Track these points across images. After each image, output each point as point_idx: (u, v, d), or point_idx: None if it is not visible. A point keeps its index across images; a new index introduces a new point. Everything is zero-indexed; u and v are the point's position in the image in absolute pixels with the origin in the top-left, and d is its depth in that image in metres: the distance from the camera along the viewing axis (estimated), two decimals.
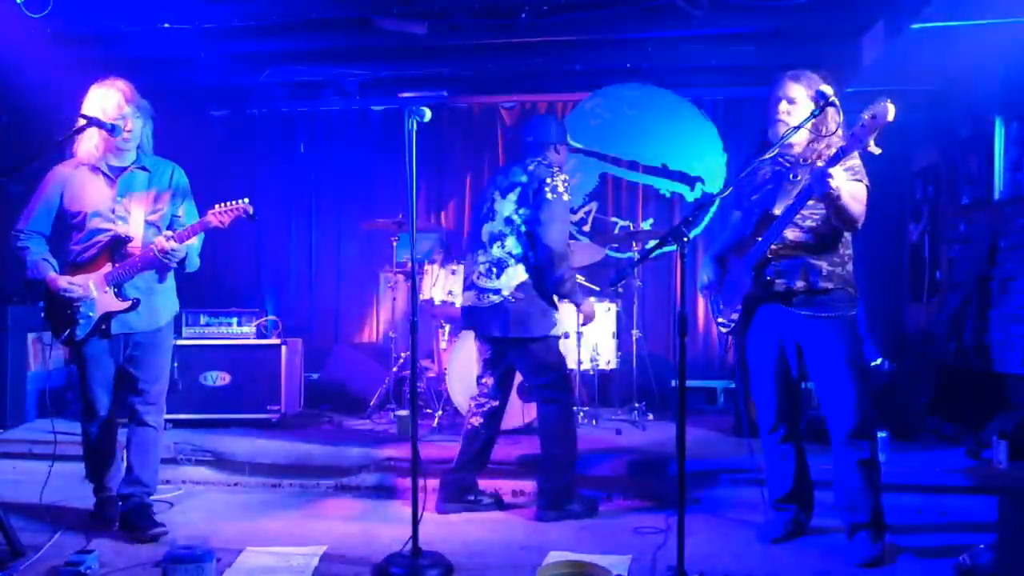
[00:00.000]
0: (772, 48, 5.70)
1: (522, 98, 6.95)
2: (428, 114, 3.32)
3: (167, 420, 4.52)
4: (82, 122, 3.47)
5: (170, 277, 3.73)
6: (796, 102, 3.34)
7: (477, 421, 4.01)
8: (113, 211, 3.56)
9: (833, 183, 3.02)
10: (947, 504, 3.95)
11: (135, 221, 3.57)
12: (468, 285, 4.03)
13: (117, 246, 3.54)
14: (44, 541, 3.45)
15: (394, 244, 5.74)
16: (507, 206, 3.89)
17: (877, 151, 2.95)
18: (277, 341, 5.51)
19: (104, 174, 3.59)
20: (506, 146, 6.92)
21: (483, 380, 4.05)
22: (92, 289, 3.51)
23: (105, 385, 3.65)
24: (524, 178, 3.88)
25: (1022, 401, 4.62)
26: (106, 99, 3.52)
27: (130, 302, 3.54)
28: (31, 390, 5.52)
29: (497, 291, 3.86)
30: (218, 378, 5.35)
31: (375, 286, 6.86)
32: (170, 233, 3.54)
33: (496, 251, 3.89)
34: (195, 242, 3.62)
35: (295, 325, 6.77)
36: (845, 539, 3.37)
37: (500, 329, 3.86)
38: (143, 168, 3.65)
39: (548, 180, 3.80)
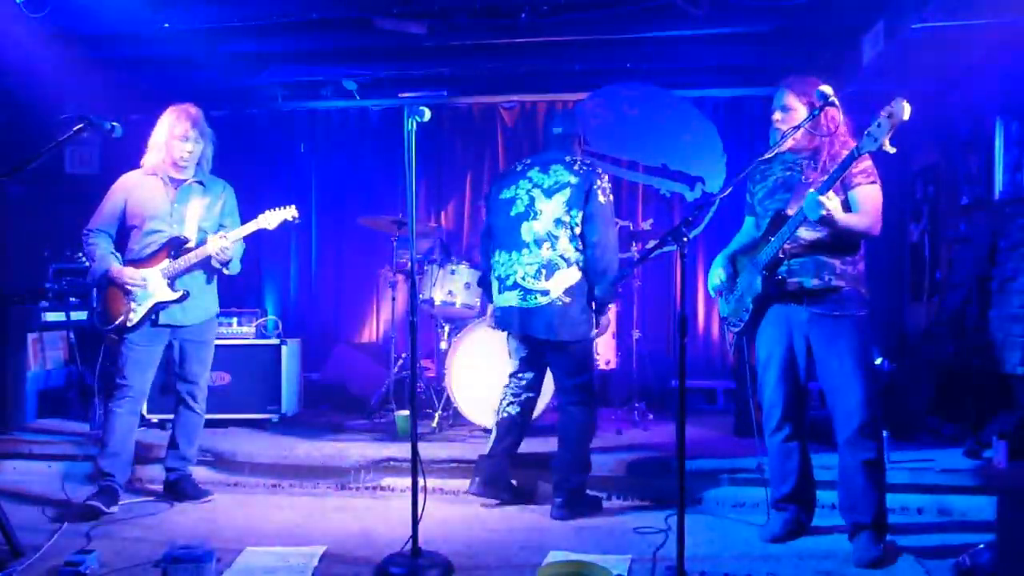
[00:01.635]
0: (772, 48, 5.70)
1: (522, 98, 6.94)
2: (428, 114, 3.33)
3: (166, 420, 4.57)
4: (80, 124, 3.58)
5: (214, 280, 4.23)
6: (790, 109, 3.37)
7: (514, 410, 4.02)
8: (171, 215, 4.06)
9: (823, 211, 3.06)
10: (947, 504, 3.95)
11: (189, 225, 4.08)
12: (511, 285, 3.93)
13: (174, 245, 4.04)
14: (44, 541, 3.45)
15: (394, 244, 5.74)
16: (555, 207, 3.86)
17: (892, 150, 2.97)
18: (277, 341, 5.51)
19: (165, 183, 4.08)
20: (506, 146, 6.92)
21: (519, 375, 4.06)
22: (150, 281, 3.99)
23: (142, 371, 4.06)
24: (574, 179, 3.86)
25: (1022, 401, 4.62)
26: (176, 122, 4.05)
27: (181, 292, 4.03)
28: (31, 390, 5.52)
29: (546, 292, 3.84)
30: (218, 378, 5.34)
31: (375, 286, 6.85)
32: (223, 232, 4.07)
33: (546, 252, 3.85)
34: (239, 248, 4.16)
35: (295, 325, 6.77)
36: (846, 539, 3.37)
37: (545, 331, 3.86)
38: (199, 183, 4.16)
39: (598, 182, 3.85)
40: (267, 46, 5.80)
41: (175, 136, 4.04)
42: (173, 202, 4.08)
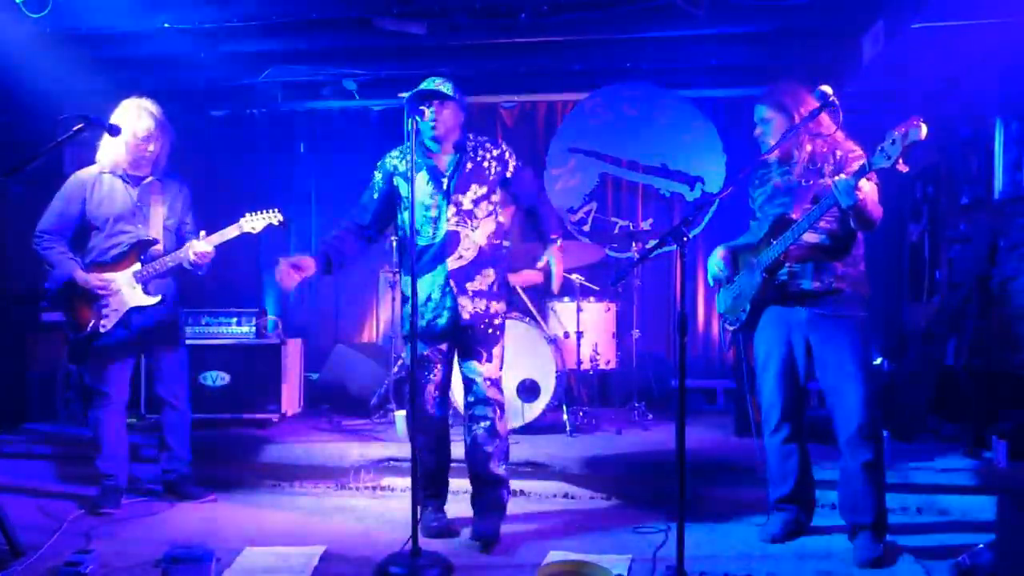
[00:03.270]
0: (772, 48, 5.70)
1: (522, 98, 6.94)
2: (428, 113, 3.33)
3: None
4: (80, 124, 3.55)
5: (178, 279, 4.11)
6: (767, 121, 3.39)
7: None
8: (135, 215, 3.94)
9: (860, 195, 3.05)
10: (946, 504, 3.95)
11: (155, 225, 3.97)
12: None
13: (143, 247, 3.93)
14: (43, 541, 3.45)
15: (394, 244, 5.73)
16: None
17: (905, 169, 2.94)
18: (277, 341, 5.51)
19: (125, 182, 3.95)
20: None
21: None
22: (122, 285, 3.88)
23: (119, 376, 4.00)
24: None
25: (1022, 401, 4.62)
26: (138, 119, 3.88)
27: (158, 297, 3.93)
28: (30, 390, 5.52)
29: None
30: (218, 378, 5.34)
31: (375, 286, 6.85)
32: (204, 234, 3.91)
33: None
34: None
35: (295, 325, 6.77)
36: (846, 539, 3.38)
37: None
38: (158, 180, 4.02)
39: None
40: (267, 46, 5.79)
41: (137, 135, 3.88)
42: (136, 202, 3.95)
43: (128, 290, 3.90)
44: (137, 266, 3.91)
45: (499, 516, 3.63)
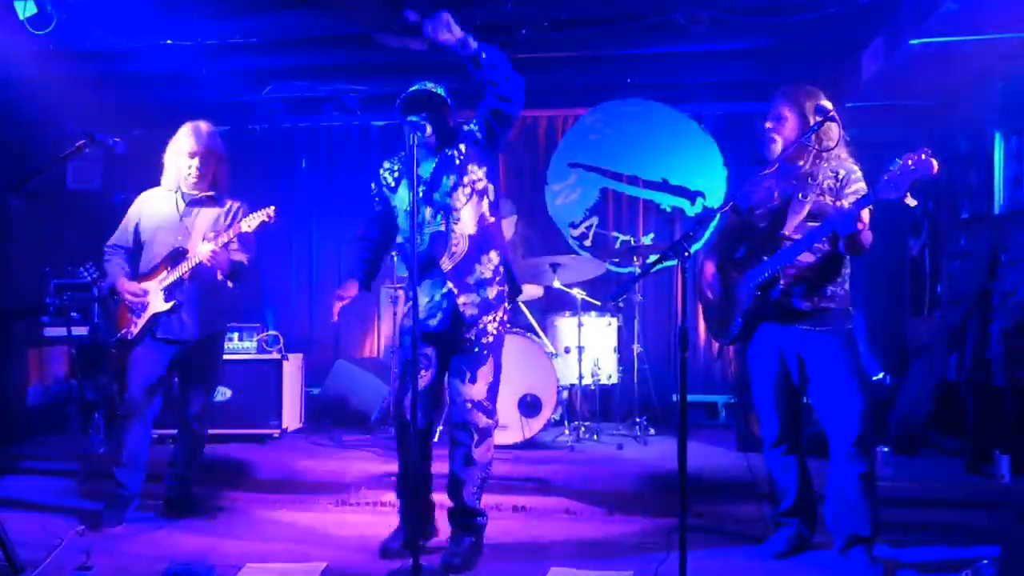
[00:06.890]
0: (772, 64, 5.72)
1: (522, 113, 6.94)
2: (429, 130, 3.34)
3: (165, 436, 4.56)
4: (82, 141, 3.61)
5: (219, 295, 4.15)
6: (782, 119, 3.37)
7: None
8: (176, 228, 4.07)
9: (860, 225, 3.06)
10: (949, 519, 3.93)
11: (194, 240, 4.05)
12: None
13: (175, 257, 4.03)
14: (43, 557, 3.44)
15: (394, 258, 5.74)
16: None
17: (913, 203, 2.94)
18: (278, 356, 5.51)
19: (177, 198, 4.12)
20: (506, 162, 6.93)
21: None
22: (150, 293, 4.02)
23: (146, 384, 4.04)
24: None
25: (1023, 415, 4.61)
26: (183, 138, 4.10)
27: (172, 303, 4.00)
28: (31, 405, 5.51)
29: None
30: (219, 393, 5.33)
31: (376, 301, 6.85)
32: (211, 236, 4.01)
33: None
34: (243, 259, 4.09)
35: (296, 340, 6.76)
36: (848, 553, 3.35)
37: None
38: (212, 198, 4.15)
39: None
40: (268, 62, 5.82)
41: (181, 152, 4.08)
42: (181, 215, 4.09)
43: (154, 298, 4.02)
44: (164, 274, 4.03)
45: (472, 545, 3.48)
